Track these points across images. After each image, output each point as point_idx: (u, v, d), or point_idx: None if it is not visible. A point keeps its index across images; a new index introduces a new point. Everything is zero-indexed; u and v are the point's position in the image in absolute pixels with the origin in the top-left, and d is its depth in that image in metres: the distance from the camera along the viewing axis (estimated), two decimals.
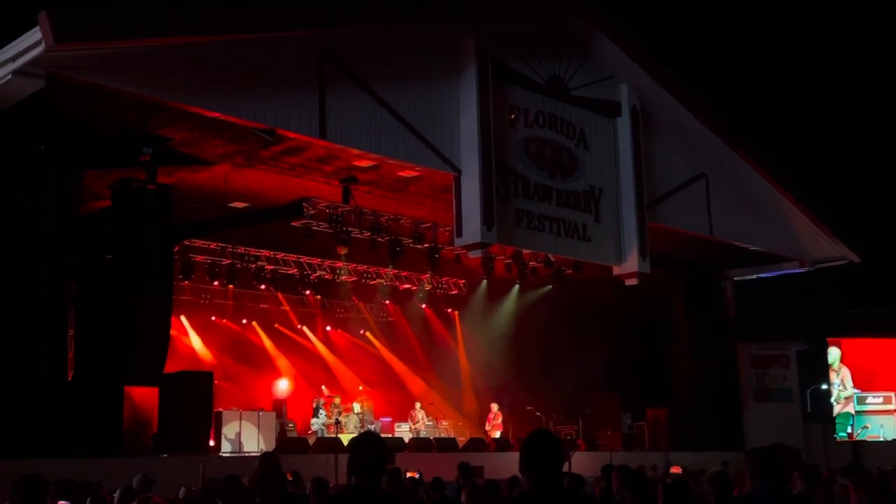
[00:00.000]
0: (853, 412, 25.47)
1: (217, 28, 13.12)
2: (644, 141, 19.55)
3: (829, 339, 25.72)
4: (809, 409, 26.51)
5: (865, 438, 24.99)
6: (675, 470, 11.39)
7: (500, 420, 22.27)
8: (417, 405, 22.70)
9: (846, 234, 23.53)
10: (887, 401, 25.59)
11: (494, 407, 22.52)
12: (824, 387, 26.39)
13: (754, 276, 25.15)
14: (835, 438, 25.25)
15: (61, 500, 7.61)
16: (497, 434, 21.67)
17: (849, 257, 23.75)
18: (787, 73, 33.67)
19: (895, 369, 25.68)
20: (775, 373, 24.92)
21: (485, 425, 22.62)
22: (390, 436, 20.49)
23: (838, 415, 25.39)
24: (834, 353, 25.71)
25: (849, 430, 25.28)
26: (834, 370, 25.62)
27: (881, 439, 24.88)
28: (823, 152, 32.07)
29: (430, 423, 22.38)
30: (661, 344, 24.44)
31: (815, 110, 32.79)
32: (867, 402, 25.48)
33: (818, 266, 24.05)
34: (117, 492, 7.99)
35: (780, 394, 24.87)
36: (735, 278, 25.10)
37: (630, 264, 19.09)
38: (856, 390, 25.52)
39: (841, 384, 25.59)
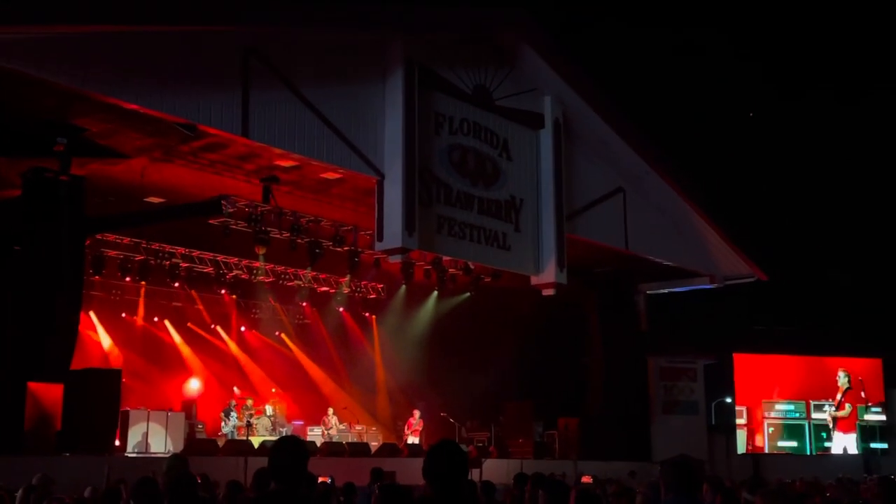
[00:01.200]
0: None
1: (138, 18, 12.81)
2: (566, 153, 19.83)
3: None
4: (714, 422, 27.32)
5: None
6: (586, 479, 11.60)
7: (420, 427, 22.26)
8: (330, 410, 22.53)
9: (755, 253, 24.29)
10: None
11: (417, 413, 22.49)
12: (728, 400, 27.25)
13: (666, 291, 25.75)
14: (736, 450, 26.11)
15: None
16: (414, 440, 21.67)
17: (756, 275, 24.52)
18: (701, 91, 34.59)
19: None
20: (683, 385, 25.57)
21: (404, 429, 22.54)
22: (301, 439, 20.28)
23: None
24: None
25: None
26: None
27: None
28: (737, 172, 33.07)
29: (343, 427, 22.24)
30: (575, 354, 24.79)
31: (726, 125, 33.85)
32: None
33: (727, 283, 24.75)
34: (20, 491, 7.72)
35: (686, 406, 25.52)
36: (648, 292, 25.66)
37: (548, 274, 19.32)
38: None
39: None
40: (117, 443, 16.67)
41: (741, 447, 26.25)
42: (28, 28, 11.71)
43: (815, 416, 26.72)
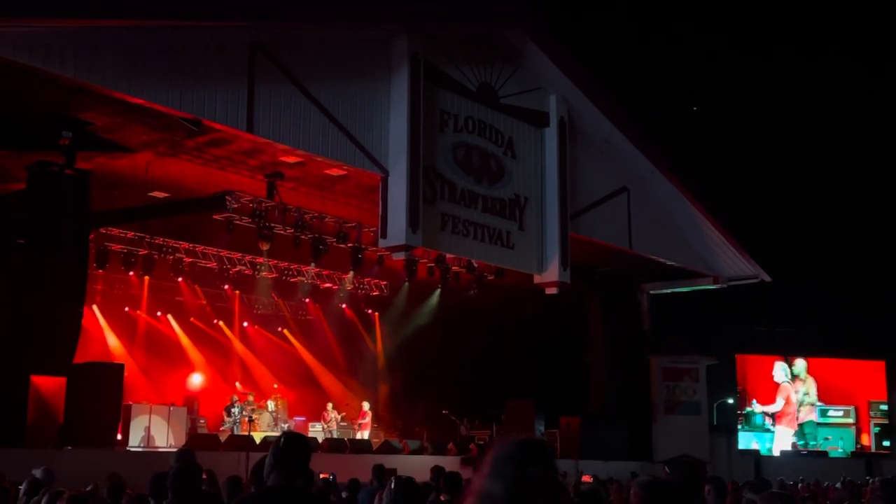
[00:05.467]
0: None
1: (146, 13, 12.81)
2: (570, 152, 19.80)
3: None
4: (715, 422, 27.29)
5: (826, 449, 26.33)
6: (586, 479, 11.59)
7: (368, 420, 22.13)
8: (329, 405, 22.51)
9: (759, 254, 24.24)
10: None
11: (365, 405, 22.40)
12: (730, 401, 27.26)
13: (669, 291, 25.72)
14: (737, 451, 26.13)
15: None
16: (364, 434, 21.54)
17: (761, 276, 24.47)
18: (708, 94, 34.55)
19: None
20: (685, 386, 25.53)
21: (354, 425, 22.34)
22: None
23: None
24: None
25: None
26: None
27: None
28: (741, 172, 33.03)
29: (345, 424, 22.24)
30: (577, 353, 24.77)
31: (732, 127, 33.78)
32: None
33: (731, 283, 24.71)
34: (24, 483, 7.73)
35: (688, 406, 25.48)
36: (651, 291, 25.63)
37: (551, 273, 19.29)
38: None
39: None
40: (119, 437, 16.71)
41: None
42: (34, 21, 11.70)
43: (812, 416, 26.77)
